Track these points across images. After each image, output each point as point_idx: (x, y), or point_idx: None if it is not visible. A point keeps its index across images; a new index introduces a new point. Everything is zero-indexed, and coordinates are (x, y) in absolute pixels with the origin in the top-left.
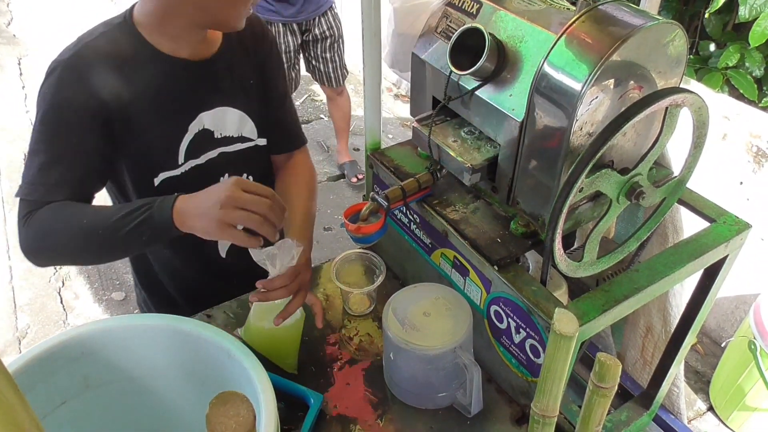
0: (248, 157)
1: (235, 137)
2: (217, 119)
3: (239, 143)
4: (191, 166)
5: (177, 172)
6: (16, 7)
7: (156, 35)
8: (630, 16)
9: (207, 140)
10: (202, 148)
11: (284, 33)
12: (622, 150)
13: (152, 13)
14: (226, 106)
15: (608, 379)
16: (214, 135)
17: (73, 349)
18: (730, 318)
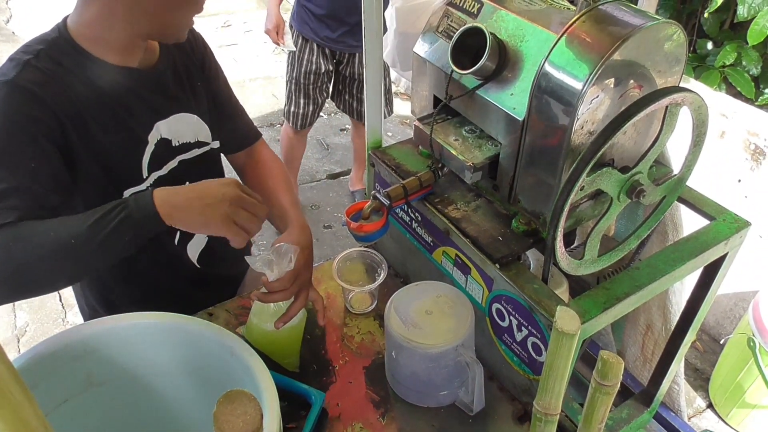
0: (206, 161)
1: (192, 143)
2: (173, 127)
3: (196, 149)
4: (155, 178)
5: (143, 186)
6: (16, 4)
7: (99, 46)
8: (630, 15)
9: (167, 150)
10: (164, 158)
11: (318, 54)
12: (623, 148)
13: (93, 24)
14: (181, 113)
15: (611, 377)
16: (172, 143)
17: (76, 348)
18: (729, 315)
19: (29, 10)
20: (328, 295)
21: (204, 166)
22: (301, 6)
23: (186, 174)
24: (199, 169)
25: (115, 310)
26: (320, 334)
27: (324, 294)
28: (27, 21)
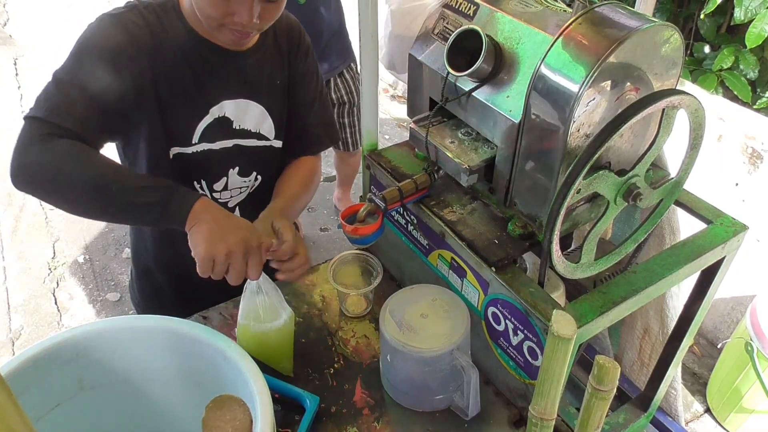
0: (262, 155)
1: (252, 132)
2: (239, 110)
3: (255, 139)
4: (204, 148)
5: (188, 150)
6: (13, 7)
7: (195, 19)
8: (626, 18)
9: (225, 128)
10: (219, 134)
11: None
12: (620, 151)
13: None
14: (249, 100)
15: (607, 382)
16: (233, 125)
17: (67, 351)
18: (727, 319)
19: (26, 13)
20: (323, 298)
21: (258, 158)
22: None
23: (236, 159)
24: (251, 160)
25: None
26: (315, 338)
27: (319, 297)
28: (24, 24)
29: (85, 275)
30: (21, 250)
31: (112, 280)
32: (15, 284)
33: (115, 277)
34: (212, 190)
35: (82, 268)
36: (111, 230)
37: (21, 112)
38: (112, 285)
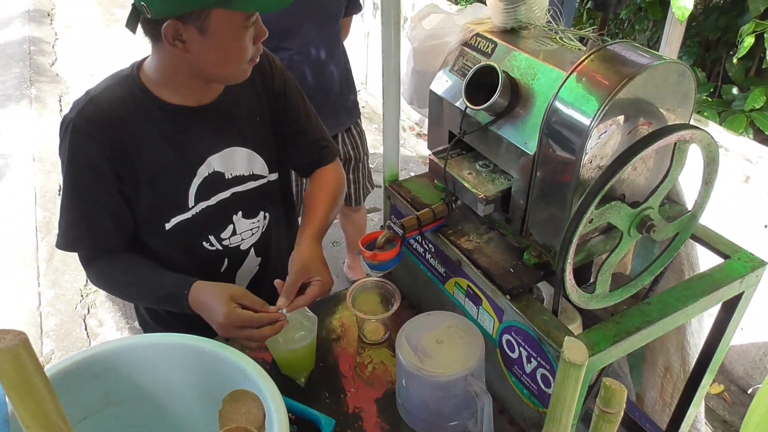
0: (264, 194)
1: (246, 176)
2: (226, 160)
3: (251, 181)
4: (202, 207)
5: (188, 215)
6: (60, 48)
7: (160, 87)
8: (637, 55)
9: (218, 182)
10: (214, 189)
11: None
12: (634, 184)
13: (156, 68)
14: (234, 147)
15: (614, 404)
16: (225, 176)
17: (97, 365)
18: (759, 365)
19: (73, 53)
20: (342, 324)
21: (259, 198)
22: None
23: (238, 205)
24: (253, 201)
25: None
26: (333, 362)
27: (338, 323)
28: (71, 64)
29: (115, 303)
30: (55, 278)
31: None
32: (48, 310)
33: None
34: (221, 239)
35: (112, 297)
36: None
37: None
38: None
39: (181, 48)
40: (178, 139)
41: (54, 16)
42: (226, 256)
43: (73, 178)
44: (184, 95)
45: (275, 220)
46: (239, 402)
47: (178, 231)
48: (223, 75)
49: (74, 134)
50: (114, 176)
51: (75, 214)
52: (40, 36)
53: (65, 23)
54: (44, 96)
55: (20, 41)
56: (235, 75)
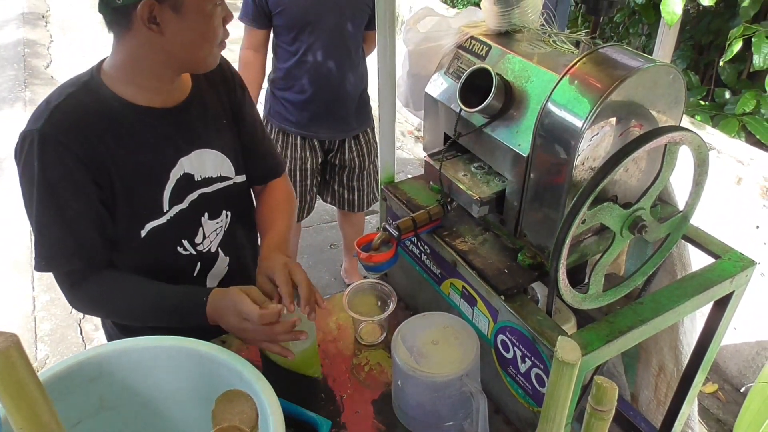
0: (228, 195)
1: (214, 177)
2: (196, 162)
3: (218, 183)
4: (176, 211)
5: (163, 220)
6: (55, 50)
7: (126, 87)
8: (628, 58)
9: (189, 184)
10: (185, 191)
11: (302, 147)
12: (626, 185)
13: (121, 65)
14: (203, 149)
15: (605, 402)
16: (195, 178)
17: (91, 369)
18: (752, 364)
19: (68, 55)
20: (338, 326)
21: (225, 199)
22: (277, 99)
23: (204, 206)
24: (218, 202)
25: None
26: (329, 364)
27: (335, 325)
28: (66, 66)
29: None
30: (50, 282)
31: None
32: (43, 314)
33: None
34: (195, 244)
35: None
36: None
37: None
38: None
39: (156, 31)
40: (150, 141)
41: (49, 19)
42: (199, 260)
43: (50, 192)
44: (152, 96)
45: (236, 218)
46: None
47: (153, 237)
48: (196, 58)
49: (43, 145)
50: (92, 184)
51: (56, 230)
52: (34, 38)
53: (60, 25)
54: (38, 99)
55: (14, 43)
56: (207, 59)
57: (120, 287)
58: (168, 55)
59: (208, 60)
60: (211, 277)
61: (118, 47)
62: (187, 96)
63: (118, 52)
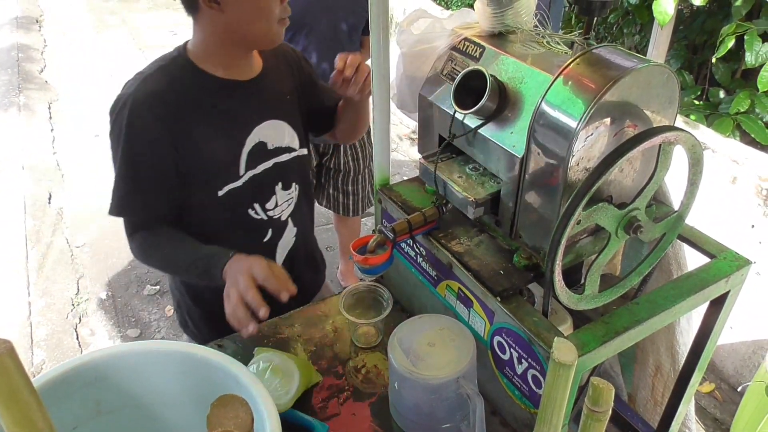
0: (295, 166)
1: (283, 147)
2: (268, 132)
3: (287, 153)
4: (250, 176)
5: (239, 183)
6: (49, 55)
7: (206, 62)
8: (622, 58)
9: (262, 152)
10: (259, 159)
11: None
12: (621, 186)
13: (199, 44)
14: (275, 120)
15: (602, 403)
16: (267, 146)
17: (87, 374)
18: (748, 363)
19: (62, 60)
20: (335, 329)
21: (293, 170)
22: None
23: (277, 176)
24: (289, 173)
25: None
26: (326, 367)
27: (331, 328)
28: (59, 70)
29: (107, 311)
30: (46, 287)
31: (133, 316)
32: (39, 319)
33: (136, 313)
34: (266, 209)
35: (105, 305)
36: (134, 268)
37: (53, 153)
38: (132, 321)
39: (216, 9)
40: (228, 111)
41: (43, 23)
42: (270, 227)
43: (130, 151)
44: (228, 70)
45: (302, 192)
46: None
47: (229, 199)
48: (256, 34)
49: (133, 108)
50: (171, 148)
51: (129, 184)
52: (28, 43)
53: (54, 30)
54: (33, 103)
55: (8, 48)
56: (267, 35)
57: (164, 240)
58: (230, 32)
59: (269, 36)
60: (281, 245)
61: (195, 28)
62: (260, 71)
63: (195, 32)
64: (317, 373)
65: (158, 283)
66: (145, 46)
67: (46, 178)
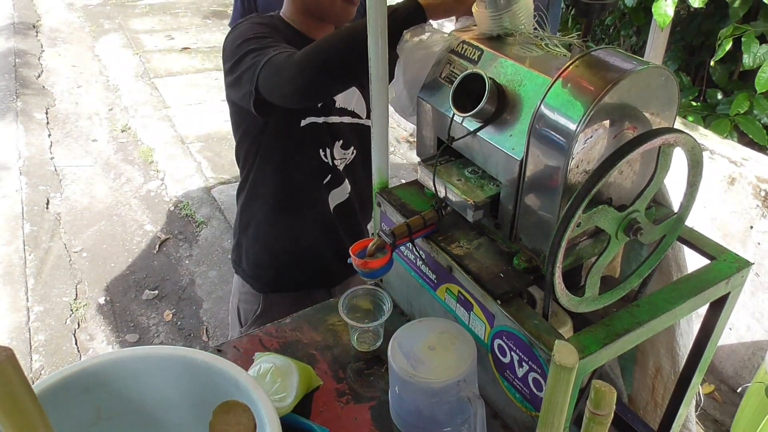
0: (358, 132)
1: (349, 110)
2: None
3: (349, 117)
4: (324, 120)
5: (319, 119)
6: (46, 61)
7: (298, 24)
8: (621, 61)
9: (331, 107)
10: (327, 111)
11: None
12: (621, 188)
13: (287, 10)
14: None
15: (603, 406)
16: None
17: (87, 379)
18: (748, 365)
19: (59, 65)
20: (335, 333)
21: (356, 135)
22: None
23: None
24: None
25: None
26: (326, 371)
27: (331, 332)
28: (57, 76)
29: (106, 316)
30: (44, 292)
31: (131, 321)
32: (37, 325)
33: (134, 318)
34: (333, 155)
35: (103, 310)
36: (132, 273)
37: (50, 158)
38: (131, 326)
39: None
40: None
41: (40, 28)
42: (330, 173)
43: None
44: (317, 30)
45: (362, 158)
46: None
47: (307, 131)
48: (320, 8)
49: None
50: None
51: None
52: (25, 48)
53: (51, 35)
54: (30, 109)
55: (5, 53)
56: (332, 10)
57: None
58: (302, 3)
59: (334, 11)
60: (333, 196)
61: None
62: None
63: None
64: (317, 377)
65: (156, 288)
66: (141, 51)
67: (43, 184)
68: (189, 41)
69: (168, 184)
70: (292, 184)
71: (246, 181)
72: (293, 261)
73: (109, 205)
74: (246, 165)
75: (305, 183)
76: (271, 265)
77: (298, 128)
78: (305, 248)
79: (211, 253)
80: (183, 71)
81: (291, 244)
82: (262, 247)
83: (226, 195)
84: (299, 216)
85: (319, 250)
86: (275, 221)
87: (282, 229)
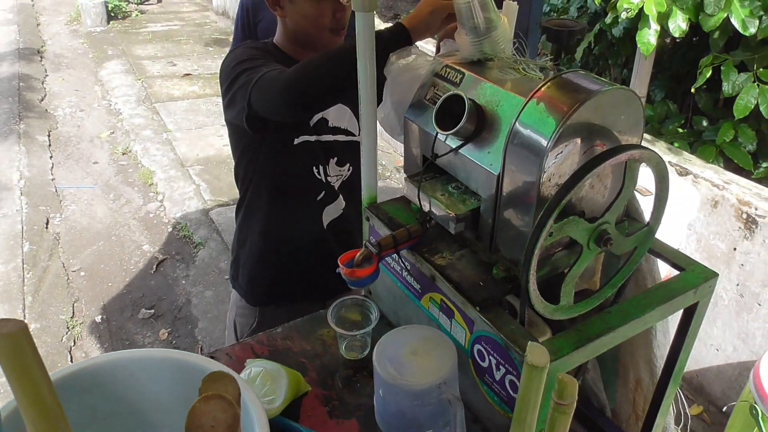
0: (352, 149)
1: (342, 129)
2: (330, 111)
3: (343, 135)
4: (317, 138)
5: (312, 138)
6: (50, 85)
7: (288, 49)
8: (588, 82)
9: (324, 126)
10: (320, 131)
11: None
12: (593, 202)
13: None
14: (341, 104)
15: (566, 396)
16: (328, 123)
17: (83, 380)
18: (734, 385)
19: (62, 89)
20: (323, 341)
21: (350, 152)
22: None
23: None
24: (344, 152)
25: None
26: (315, 378)
27: (319, 340)
28: (59, 99)
29: (102, 335)
30: (41, 310)
31: (127, 339)
32: None
33: (130, 336)
34: (326, 172)
35: (99, 328)
36: (129, 292)
37: (51, 179)
38: (127, 344)
39: (281, 14)
40: None
41: (44, 54)
42: (324, 190)
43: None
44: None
45: (356, 175)
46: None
47: (300, 149)
48: (310, 39)
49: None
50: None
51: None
52: (29, 72)
53: (55, 60)
54: (33, 131)
55: (9, 77)
56: (320, 40)
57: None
58: (292, 33)
59: (322, 41)
60: (327, 212)
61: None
62: None
63: (278, 28)
64: (306, 384)
65: (153, 307)
66: (144, 77)
67: (44, 204)
68: (190, 68)
69: (167, 206)
70: (285, 200)
71: (244, 198)
72: (288, 275)
73: (108, 225)
74: (244, 183)
75: (298, 199)
76: (265, 279)
77: (292, 146)
78: (299, 263)
79: (208, 274)
80: (184, 96)
81: (285, 258)
82: (257, 262)
83: (223, 217)
84: (293, 231)
85: (313, 264)
86: (270, 236)
87: (276, 244)
